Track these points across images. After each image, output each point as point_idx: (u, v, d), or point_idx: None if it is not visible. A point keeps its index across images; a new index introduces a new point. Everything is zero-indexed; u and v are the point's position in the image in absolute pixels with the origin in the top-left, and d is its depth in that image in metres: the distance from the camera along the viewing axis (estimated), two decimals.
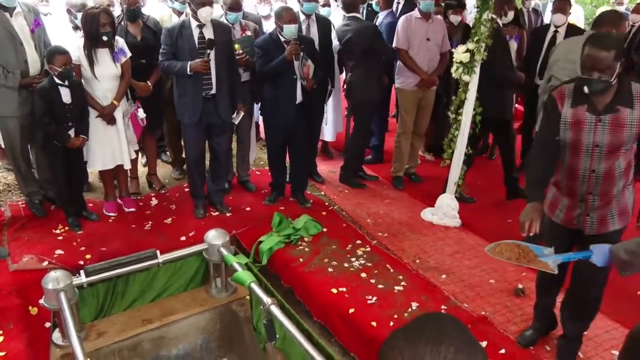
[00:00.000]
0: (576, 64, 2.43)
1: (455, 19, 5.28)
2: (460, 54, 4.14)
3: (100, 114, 4.04)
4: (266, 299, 2.82)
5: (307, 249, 3.93)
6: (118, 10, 4.73)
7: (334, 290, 3.44)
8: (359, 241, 4.08)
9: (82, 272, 3.08)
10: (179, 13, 4.84)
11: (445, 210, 4.47)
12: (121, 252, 3.60)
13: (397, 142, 5.18)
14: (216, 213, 4.47)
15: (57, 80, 3.76)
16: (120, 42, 4.07)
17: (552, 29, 4.94)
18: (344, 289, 3.45)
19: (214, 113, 4.16)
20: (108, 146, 4.15)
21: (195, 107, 4.11)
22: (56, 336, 3.03)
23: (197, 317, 3.40)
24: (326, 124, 5.39)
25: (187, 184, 4.79)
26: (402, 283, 3.54)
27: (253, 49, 4.38)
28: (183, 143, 4.71)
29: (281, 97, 4.34)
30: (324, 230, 4.19)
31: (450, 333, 0.91)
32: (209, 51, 3.96)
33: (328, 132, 5.59)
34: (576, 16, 8.29)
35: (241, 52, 4.34)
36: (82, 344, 2.62)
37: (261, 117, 4.81)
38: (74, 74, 3.83)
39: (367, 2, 6.35)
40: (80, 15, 4.08)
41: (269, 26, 5.13)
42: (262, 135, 5.76)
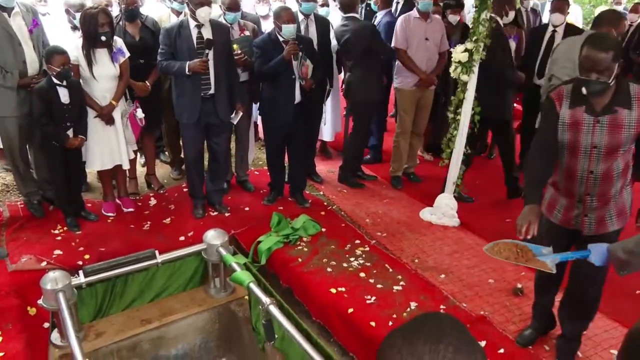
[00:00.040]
0: (576, 63, 2.43)
1: (453, 18, 5.29)
2: (458, 53, 4.14)
3: (99, 114, 4.04)
4: (265, 299, 2.82)
5: (305, 249, 3.93)
6: (116, 10, 4.72)
7: (333, 290, 3.44)
8: (357, 241, 4.08)
9: (80, 272, 3.08)
10: (178, 13, 4.83)
11: (444, 209, 4.47)
12: (120, 252, 3.59)
13: (396, 142, 5.18)
14: (215, 213, 4.46)
15: (56, 81, 3.75)
16: (118, 42, 4.07)
17: (551, 28, 4.94)
18: (343, 289, 3.45)
19: (212, 113, 4.16)
20: (106, 146, 4.15)
21: (194, 107, 4.11)
22: (55, 336, 3.03)
23: (196, 317, 3.40)
24: (325, 124, 5.39)
25: (185, 184, 4.78)
26: (401, 283, 3.54)
27: (252, 49, 4.37)
28: (182, 143, 4.71)
29: (280, 97, 4.33)
30: (323, 230, 4.19)
31: (449, 332, 0.91)
32: (207, 51, 3.96)
33: (327, 132, 5.59)
34: (574, 16, 8.31)
35: (240, 52, 4.34)
36: (81, 344, 2.62)
37: (260, 117, 4.81)
38: (72, 74, 3.83)
39: (365, 2, 6.35)
40: (78, 15, 4.08)
41: (267, 26, 5.13)
42: (260, 135, 5.76)
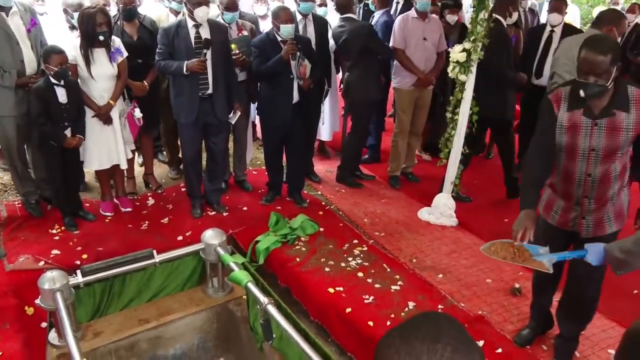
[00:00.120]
0: (575, 61, 2.42)
1: (451, 18, 5.30)
2: (456, 53, 4.15)
3: (97, 114, 4.03)
4: (263, 299, 2.82)
5: (304, 249, 3.93)
6: (114, 9, 4.71)
7: (331, 290, 3.44)
8: (355, 241, 4.08)
9: (78, 272, 3.08)
10: (176, 13, 4.82)
11: (442, 209, 4.48)
12: (118, 252, 3.59)
13: (394, 142, 5.18)
14: (213, 213, 4.46)
15: (53, 80, 3.75)
16: (117, 41, 4.06)
17: (549, 28, 4.95)
18: (341, 289, 3.45)
19: (210, 113, 4.16)
20: (104, 146, 4.14)
21: (192, 107, 4.10)
22: (52, 336, 3.03)
23: (193, 316, 3.39)
24: (323, 124, 5.39)
25: (183, 184, 4.78)
26: (399, 282, 3.54)
27: (250, 49, 4.37)
28: (180, 143, 4.70)
29: (278, 96, 4.33)
30: (321, 229, 4.18)
31: (447, 332, 0.91)
32: (205, 51, 3.95)
33: (325, 131, 5.59)
34: (572, 16, 8.32)
35: (238, 52, 4.34)
36: (79, 344, 2.61)
37: (258, 116, 4.81)
38: (70, 74, 3.82)
39: (363, 2, 6.36)
40: (76, 15, 4.08)
41: (265, 26, 5.12)
42: (258, 134, 5.75)
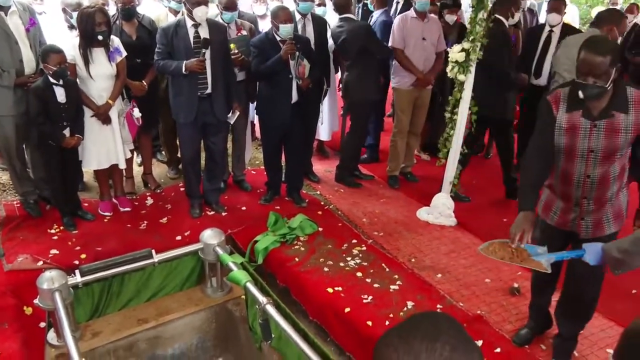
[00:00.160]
0: (574, 60, 2.42)
1: (450, 18, 5.30)
2: (455, 53, 4.15)
3: (95, 114, 4.03)
4: (262, 299, 2.81)
5: (302, 249, 3.93)
6: (113, 9, 4.71)
7: (330, 290, 3.44)
8: (354, 240, 4.08)
9: (77, 271, 3.07)
10: (176, 12, 4.81)
11: (440, 209, 4.48)
12: (116, 251, 3.59)
13: (393, 142, 5.18)
14: (212, 212, 4.46)
15: (52, 80, 3.74)
16: (115, 41, 4.06)
17: (547, 28, 4.95)
18: (340, 289, 3.45)
19: (209, 112, 4.15)
20: (103, 146, 4.14)
21: (191, 107, 4.10)
22: (51, 336, 3.02)
23: (192, 316, 3.39)
24: (322, 124, 5.39)
25: (182, 184, 4.77)
26: (398, 282, 3.55)
27: (249, 49, 4.37)
28: (178, 142, 4.70)
29: (277, 96, 4.33)
30: (320, 229, 4.19)
31: (445, 331, 0.91)
32: (204, 50, 3.95)
33: (324, 131, 5.60)
34: (571, 16, 8.34)
35: (237, 52, 4.33)
36: (77, 344, 2.61)
37: (257, 116, 4.81)
38: (69, 73, 3.82)
39: (362, 2, 6.36)
40: (75, 15, 4.07)
41: (264, 25, 5.12)
42: (257, 134, 5.75)
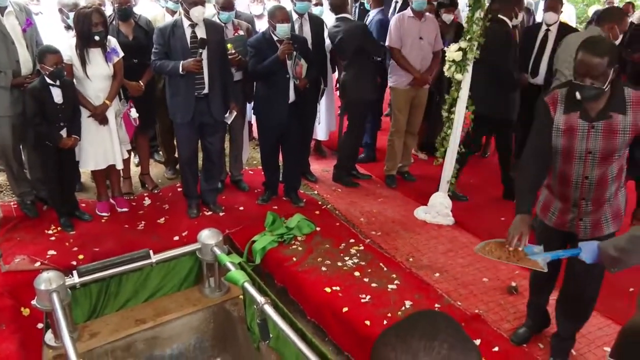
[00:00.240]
0: (573, 58, 2.41)
1: (447, 17, 5.31)
2: (452, 52, 4.15)
3: (93, 114, 4.02)
4: (260, 299, 2.81)
5: (300, 248, 3.93)
6: (109, 9, 4.70)
7: (328, 289, 3.44)
8: (352, 240, 4.08)
9: (74, 272, 3.06)
10: (173, 12, 4.81)
11: (438, 208, 4.48)
12: (114, 252, 3.58)
13: (390, 141, 5.18)
14: (209, 213, 4.46)
15: (49, 80, 3.74)
16: (112, 41, 4.05)
17: (544, 27, 4.96)
18: (338, 288, 3.45)
19: (206, 112, 4.15)
20: (100, 146, 4.13)
21: (188, 107, 4.10)
22: (49, 337, 3.01)
23: (190, 317, 3.38)
24: (319, 123, 5.39)
25: (180, 184, 4.77)
26: (396, 282, 3.55)
27: (246, 49, 4.37)
28: (176, 143, 4.70)
29: (274, 96, 4.33)
30: (317, 229, 4.19)
31: (443, 330, 0.91)
32: (201, 50, 3.95)
33: (321, 131, 5.60)
34: (568, 15, 8.36)
35: (234, 52, 4.33)
36: (75, 344, 2.60)
37: (254, 116, 4.81)
38: (66, 74, 3.81)
39: (359, 1, 6.36)
40: (72, 15, 4.06)
41: (261, 25, 5.12)
42: (255, 134, 5.75)
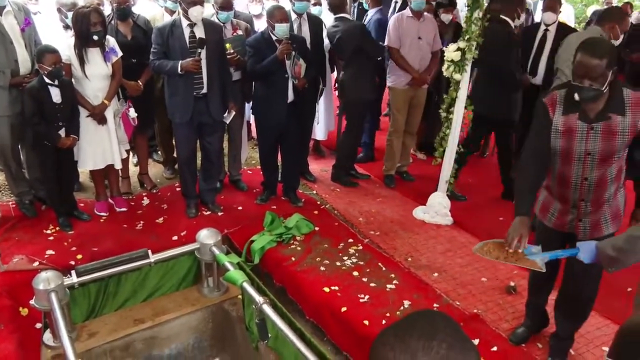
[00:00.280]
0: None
1: (446, 17, 5.31)
2: (451, 52, 4.16)
3: (91, 114, 4.02)
4: (258, 298, 2.81)
5: (299, 248, 3.93)
6: (108, 9, 4.70)
7: (326, 289, 3.44)
8: (351, 240, 4.08)
9: (73, 272, 3.06)
10: (172, 12, 4.81)
11: (437, 208, 4.49)
12: (113, 252, 3.58)
13: (389, 141, 5.18)
14: (208, 212, 4.46)
15: (47, 80, 3.73)
16: (111, 41, 4.05)
17: (543, 27, 4.96)
18: (336, 288, 3.45)
19: (205, 112, 4.15)
20: (99, 146, 4.13)
21: (187, 107, 4.09)
22: (47, 337, 3.01)
23: (189, 316, 3.38)
24: (318, 123, 5.39)
25: (178, 184, 4.77)
26: (394, 281, 3.55)
27: (244, 48, 4.36)
28: (174, 142, 4.69)
29: (273, 96, 4.33)
30: (316, 229, 4.19)
31: (442, 329, 0.91)
32: (200, 50, 3.95)
33: (320, 131, 5.60)
34: (566, 15, 8.37)
35: (232, 52, 4.33)
36: (74, 344, 2.60)
37: (253, 116, 4.81)
38: (64, 73, 3.81)
39: (357, 1, 6.36)
40: (70, 15, 4.06)
41: (260, 25, 5.12)
42: (253, 134, 5.75)
